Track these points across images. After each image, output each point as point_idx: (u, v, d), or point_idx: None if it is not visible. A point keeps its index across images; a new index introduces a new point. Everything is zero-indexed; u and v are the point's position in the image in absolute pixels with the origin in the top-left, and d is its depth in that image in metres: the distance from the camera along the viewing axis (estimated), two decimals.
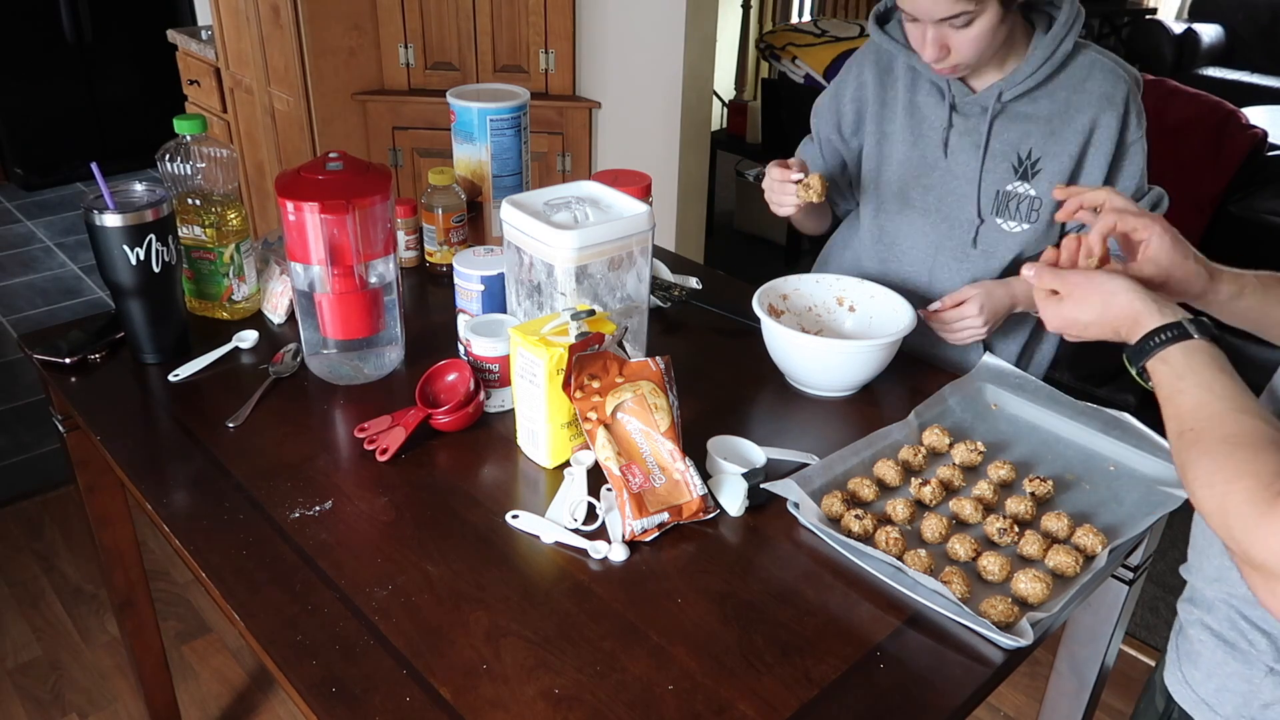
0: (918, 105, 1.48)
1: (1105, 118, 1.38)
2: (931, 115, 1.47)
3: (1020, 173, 1.43)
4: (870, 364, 1.33)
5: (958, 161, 1.46)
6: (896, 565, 1.02)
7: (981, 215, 1.46)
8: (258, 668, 2.12)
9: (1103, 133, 1.39)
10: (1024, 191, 1.44)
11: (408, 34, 2.99)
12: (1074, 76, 1.40)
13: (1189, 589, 0.97)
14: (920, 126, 1.48)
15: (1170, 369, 0.85)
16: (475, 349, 1.26)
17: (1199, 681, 0.93)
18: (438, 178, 1.64)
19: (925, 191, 1.49)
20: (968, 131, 1.44)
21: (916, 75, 1.47)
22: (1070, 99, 1.40)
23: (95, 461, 1.52)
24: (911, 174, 1.49)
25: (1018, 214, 1.45)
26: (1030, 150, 1.42)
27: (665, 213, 3.03)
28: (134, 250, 1.29)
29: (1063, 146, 1.40)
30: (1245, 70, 5.94)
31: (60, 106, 4.64)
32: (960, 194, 1.47)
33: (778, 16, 5.38)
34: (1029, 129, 1.42)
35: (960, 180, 1.46)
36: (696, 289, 1.64)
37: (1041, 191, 1.43)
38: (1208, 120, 2.82)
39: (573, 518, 1.10)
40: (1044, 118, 1.41)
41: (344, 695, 0.88)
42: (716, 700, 0.88)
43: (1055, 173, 1.42)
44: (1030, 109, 1.41)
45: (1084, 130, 1.39)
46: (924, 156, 1.48)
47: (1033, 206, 1.44)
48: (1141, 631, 2.25)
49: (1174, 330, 0.86)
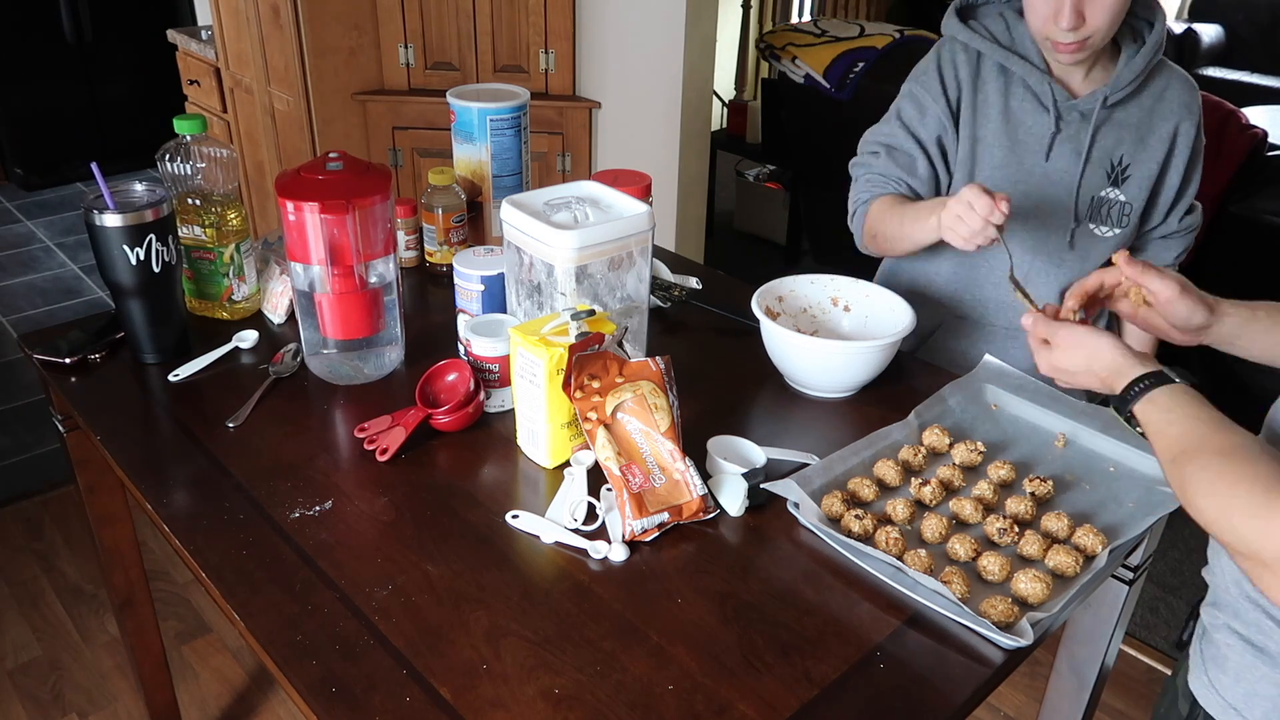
0: (1013, 110, 1.45)
1: (1185, 125, 1.45)
2: (1030, 120, 1.44)
3: (1112, 179, 1.46)
4: (869, 365, 1.33)
5: (1056, 167, 1.45)
6: (896, 565, 1.02)
7: (1079, 219, 1.47)
8: (258, 668, 2.12)
9: (1182, 140, 1.45)
10: (1115, 197, 1.46)
11: (408, 34, 2.99)
12: (1156, 86, 1.44)
13: (1211, 592, 0.97)
14: (1017, 132, 1.45)
15: (1157, 408, 0.92)
16: (475, 349, 1.26)
17: (1227, 687, 0.92)
18: (438, 178, 1.64)
19: (1023, 198, 1.46)
20: (1069, 138, 1.44)
21: (1009, 77, 1.44)
22: (1155, 107, 1.44)
23: (95, 461, 1.53)
24: (1009, 180, 1.46)
25: (1109, 219, 1.47)
26: (1122, 156, 1.45)
27: (665, 213, 3.03)
28: (134, 250, 1.29)
29: (1150, 153, 1.45)
30: (1245, 70, 5.94)
31: (60, 106, 4.64)
32: (1057, 200, 1.46)
33: (778, 16, 5.39)
34: (1122, 136, 1.44)
35: (1058, 186, 1.45)
36: (696, 289, 1.63)
37: (1131, 196, 1.46)
38: (1207, 120, 2.81)
39: (573, 518, 1.10)
40: (1134, 125, 1.44)
41: (344, 695, 0.88)
42: (716, 700, 0.88)
43: (1142, 178, 1.46)
44: (1122, 115, 1.44)
45: (1168, 138, 1.45)
46: (1021, 162, 1.45)
47: (1123, 212, 1.47)
48: (1141, 631, 2.25)
49: (1156, 377, 0.94)
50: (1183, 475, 0.85)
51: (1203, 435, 0.86)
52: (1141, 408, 0.93)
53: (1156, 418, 0.91)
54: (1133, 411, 0.94)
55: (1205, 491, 0.81)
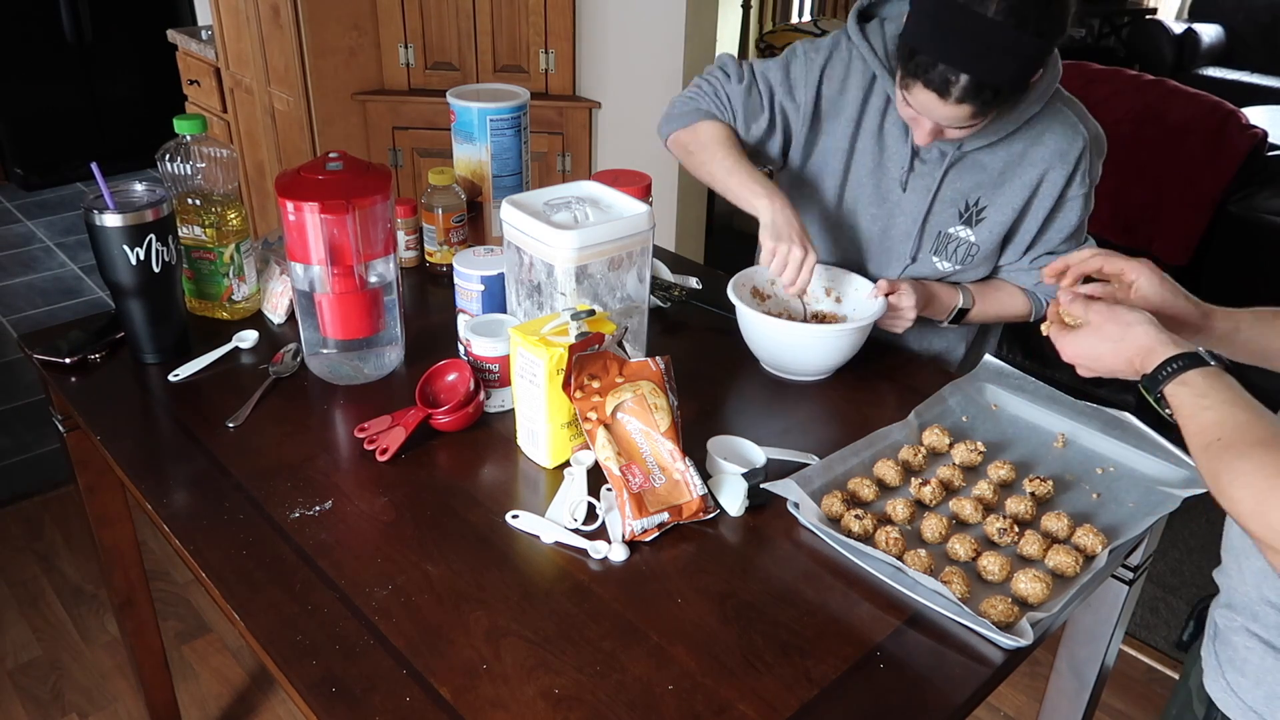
0: (885, 137, 1.45)
1: (1054, 173, 1.39)
2: (895, 148, 1.45)
3: (965, 218, 1.45)
4: (839, 349, 1.36)
5: (909, 200, 1.46)
6: (896, 565, 1.02)
7: (916, 257, 1.48)
8: (258, 668, 2.12)
9: (1048, 187, 1.40)
10: (964, 236, 1.45)
11: (408, 34, 2.99)
12: (1033, 130, 1.39)
13: (1226, 594, 0.96)
14: (883, 156, 1.46)
15: (1190, 390, 0.88)
16: (475, 349, 1.26)
17: (1246, 689, 0.91)
18: (438, 178, 1.64)
19: (872, 221, 1.50)
20: (924, 174, 1.44)
21: (889, 104, 1.44)
22: (1026, 151, 1.40)
23: (95, 461, 1.52)
24: (865, 200, 1.49)
25: (953, 256, 1.47)
26: (979, 199, 1.43)
27: (665, 213, 3.03)
28: (134, 250, 1.29)
29: (1008, 199, 1.42)
30: (1245, 70, 5.94)
31: (60, 106, 4.64)
32: (903, 230, 1.48)
33: (778, 16, 5.38)
34: (981, 179, 1.42)
35: (907, 218, 1.47)
36: (696, 289, 1.64)
37: (980, 239, 1.45)
38: (1208, 120, 2.82)
39: (573, 518, 1.10)
40: (998, 169, 1.41)
41: (344, 695, 0.88)
42: (716, 700, 0.88)
43: (997, 222, 1.43)
44: (987, 159, 1.41)
45: (1031, 184, 1.40)
46: (879, 185, 1.48)
47: (969, 251, 1.46)
48: (1141, 631, 2.25)
49: (1190, 358, 0.89)
50: (1217, 464, 0.81)
51: (1240, 423, 0.82)
52: (1173, 389, 0.89)
53: (1190, 401, 0.87)
54: (1163, 392, 0.90)
55: (1243, 483, 0.78)
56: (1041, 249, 1.48)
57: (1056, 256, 1.44)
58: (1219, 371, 0.88)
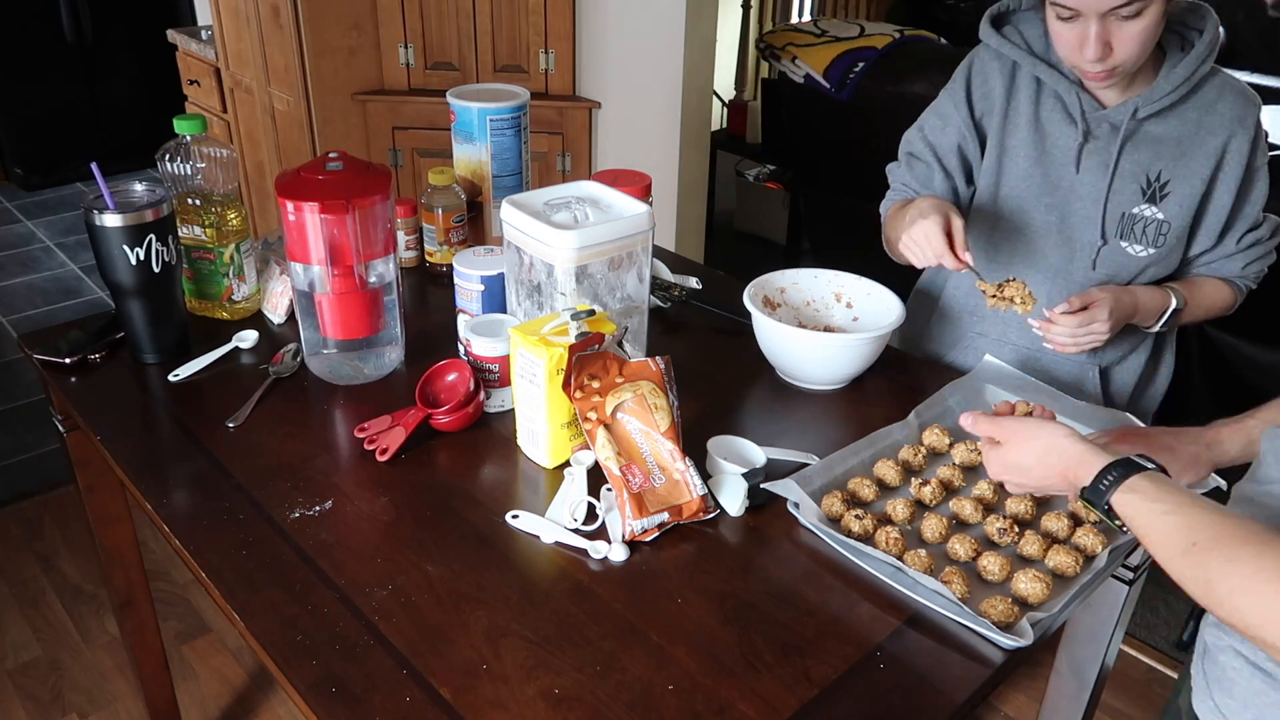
0: (1042, 121, 1.40)
1: (1237, 141, 1.35)
2: (1058, 131, 1.39)
3: (1148, 195, 1.37)
4: (856, 359, 1.34)
5: (1084, 181, 1.39)
6: (896, 565, 1.02)
7: (1105, 237, 1.40)
8: (258, 668, 2.12)
9: (1234, 156, 1.36)
10: (1151, 215, 1.38)
11: (408, 34, 2.99)
12: (1205, 98, 1.35)
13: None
14: (1045, 143, 1.40)
15: (1141, 496, 0.83)
16: (475, 349, 1.26)
17: (1234, 710, 0.89)
18: (438, 178, 1.64)
19: (1048, 211, 1.42)
20: (1098, 150, 1.38)
21: (1041, 87, 1.40)
22: (1202, 120, 1.35)
23: (95, 461, 1.52)
24: (1033, 192, 1.42)
25: (1144, 238, 1.39)
26: (1160, 172, 1.37)
27: (665, 213, 3.03)
28: (134, 250, 1.29)
29: (1193, 169, 1.36)
30: (1245, 70, 5.93)
31: (60, 106, 4.64)
32: (1084, 215, 1.40)
33: (778, 16, 5.38)
34: (1159, 150, 1.36)
35: (1085, 201, 1.40)
36: (696, 289, 1.64)
37: (1170, 215, 1.38)
38: None
39: (573, 518, 1.10)
40: (1174, 139, 1.36)
41: (344, 695, 0.88)
42: (716, 700, 0.88)
43: (1185, 195, 1.37)
44: (1161, 129, 1.36)
45: (1215, 153, 1.35)
46: (1047, 174, 1.41)
47: (1160, 230, 1.38)
48: (1141, 631, 2.25)
49: (1126, 464, 0.85)
50: (1207, 572, 0.75)
51: (1210, 522, 0.77)
52: (1121, 497, 0.84)
53: (1144, 508, 0.82)
54: (1110, 504, 0.85)
55: (1243, 589, 0.72)
56: (1243, 227, 1.41)
57: (1261, 236, 1.42)
58: (1161, 475, 0.84)
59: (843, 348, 1.33)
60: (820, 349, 1.33)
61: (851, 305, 1.47)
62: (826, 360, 1.34)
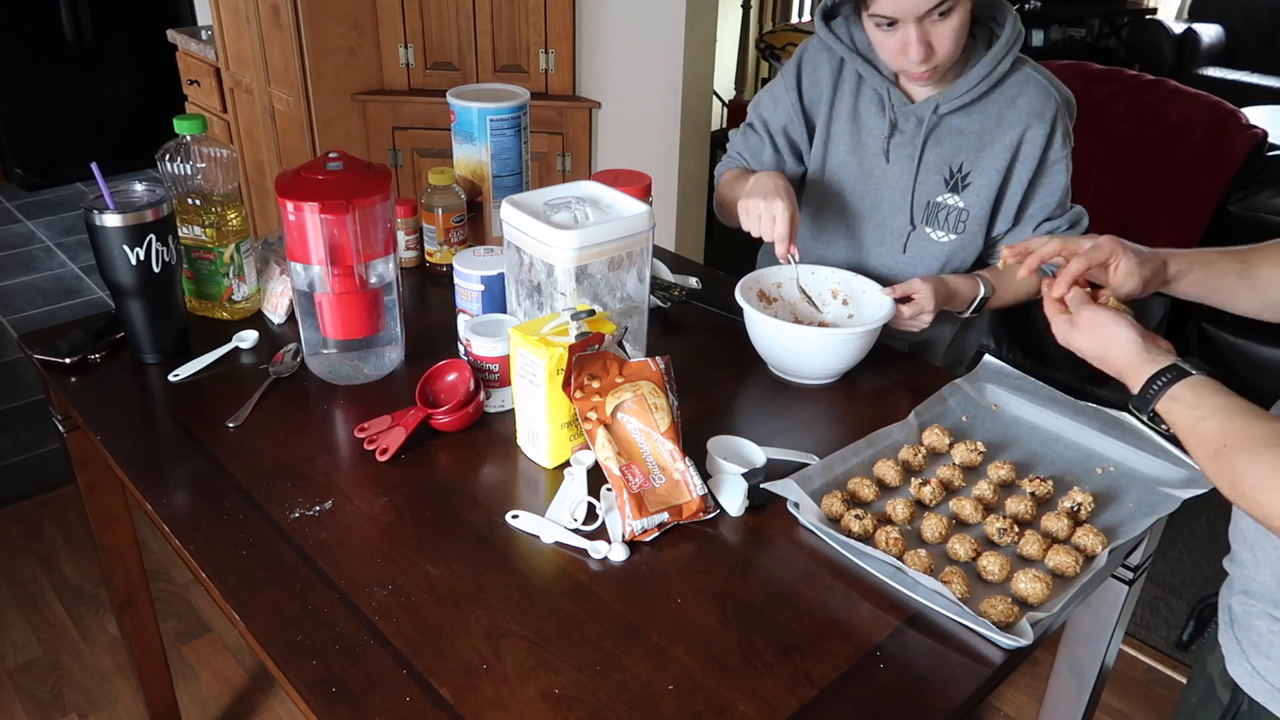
0: (860, 113, 1.50)
1: (1032, 133, 1.43)
2: (872, 123, 1.49)
3: (951, 185, 1.47)
4: (845, 353, 1.35)
5: (893, 171, 1.49)
6: (896, 565, 1.02)
7: (914, 223, 1.50)
8: (258, 668, 2.12)
9: (1028, 148, 1.44)
10: (953, 203, 1.48)
11: (408, 34, 2.99)
12: (1007, 93, 1.43)
13: (1241, 581, 0.97)
14: (860, 134, 1.50)
15: (1182, 404, 0.90)
16: (475, 349, 1.26)
17: (1273, 672, 0.93)
18: (438, 178, 1.64)
19: (861, 198, 1.53)
20: (905, 143, 1.47)
21: (862, 83, 1.49)
22: (1001, 114, 1.44)
23: (95, 461, 1.52)
24: (851, 180, 1.53)
25: (945, 224, 1.49)
26: (961, 164, 1.46)
27: (665, 213, 3.03)
28: (134, 250, 1.29)
29: (991, 161, 1.45)
30: (1245, 70, 5.94)
31: (60, 106, 4.64)
32: (894, 203, 1.51)
33: (778, 16, 5.39)
34: (961, 143, 1.46)
35: (895, 190, 1.50)
36: (696, 289, 1.64)
37: (969, 204, 1.47)
38: (1208, 120, 2.82)
39: (573, 518, 1.10)
40: (975, 132, 1.45)
41: (344, 695, 0.88)
42: (716, 700, 0.88)
43: (984, 186, 1.46)
44: (964, 123, 1.45)
45: (1011, 145, 1.44)
46: (862, 163, 1.51)
47: (960, 218, 1.49)
48: (1141, 631, 2.25)
49: (1172, 372, 0.91)
50: (1233, 470, 0.82)
51: (1240, 426, 0.83)
52: (1165, 405, 0.91)
53: (1184, 414, 0.89)
54: (1156, 410, 0.92)
55: (1264, 485, 0.80)
56: (1038, 215, 1.49)
57: (1058, 227, 1.50)
58: (1204, 380, 0.90)
59: (831, 341, 1.34)
60: (809, 342, 1.34)
61: (848, 303, 1.48)
62: (816, 354, 1.35)
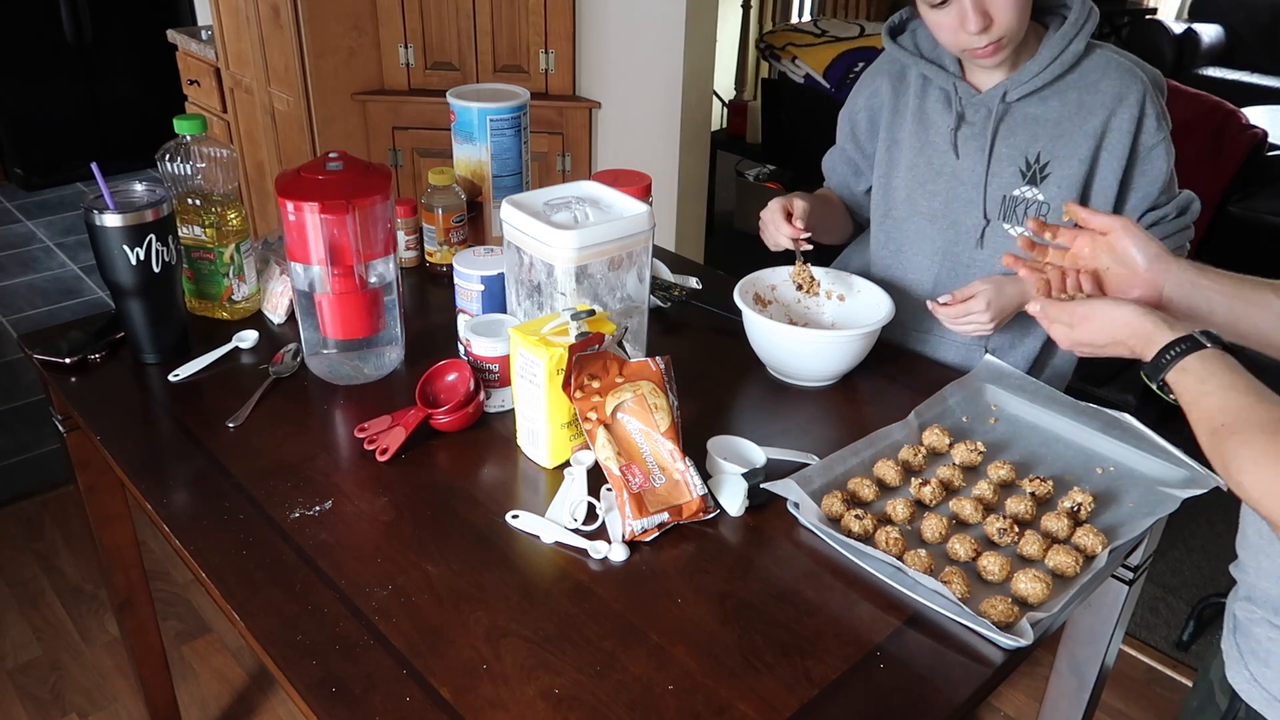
0: (926, 111, 1.46)
1: (1118, 119, 1.34)
2: (939, 120, 1.45)
3: (1029, 177, 1.39)
4: (843, 355, 1.35)
5: (964, 166, 1.43)
6: (896, 565, 1.02)
7: (987, 217, 1.43)
8: (258, 668, 2.12)
9: (1115, 135, 1.35)
10: (1032, 197, 1.40)
11: (408, 34, 2.99)
12: (1087, 77, 1.35)
13: (1245, 588, 0.97)
14: (928, 133, 1.46)
15: (1191, 376, 0.87)
16: (475, 349, 1.26)
17: (1271, 680, 0.93)
18: (438, 178, 1.64)
19: (932, 197, 1.48)
20: (973, 135, 1.41)
21: (927, 83, 1.46)
22: (1082, 100, 1.35)
23: (95, 461, 1.52)
24: (918, 180, 1.48)
25: (1025, 219, 1.40)
26: (1039, 154, 1.38)
27: (665, 213, 3.03)
28: (134, 250, 1.29)
29: (1073, 150, 1.36)
30: (1245, 70, 5.94)
31: (60, 106, 4.64)
32: (966, 199, 1.45)
33: (778, 16, 5.38)
34: (1037, 131, 1.38)
35: (966, 185, 1.44)
36: (696, 289, 1.64)
37: (1050, 197, 1.39)
38: (1208, 120, 2.82)
39: (573, 518, 1.10)
40: (1053, 120, 1.37)
41: (344, 695, 0.88)
42: (716, 700, 0.88)
43: (1065, 177, 1.37)
44: (1039, 111, 1.37)
45: (1096, 133, 1.35)
46: (930, 162, 1.47)
47: (1040, 212, 1.40)
48: (1141, 631, 2.25)
49: (1187, 342, 0.89)
50: (1225, 450, 0.81)
51: (1243, 407, 0.82)
52: (1175, 376, 0.89)
53: (1192, 387, 0.87)
54: (1165, 380, 0.90)
55: (1251, 468, 0.79)
56: (1141, 205, 1.41)
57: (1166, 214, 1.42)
58: (1218, 354, 0.88)
59: (830, 343, 1.34)
60: (808, 345, 1.34)
61: (844, 299, 1.48)
62: (814, 356, 1.35)
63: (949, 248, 1.49)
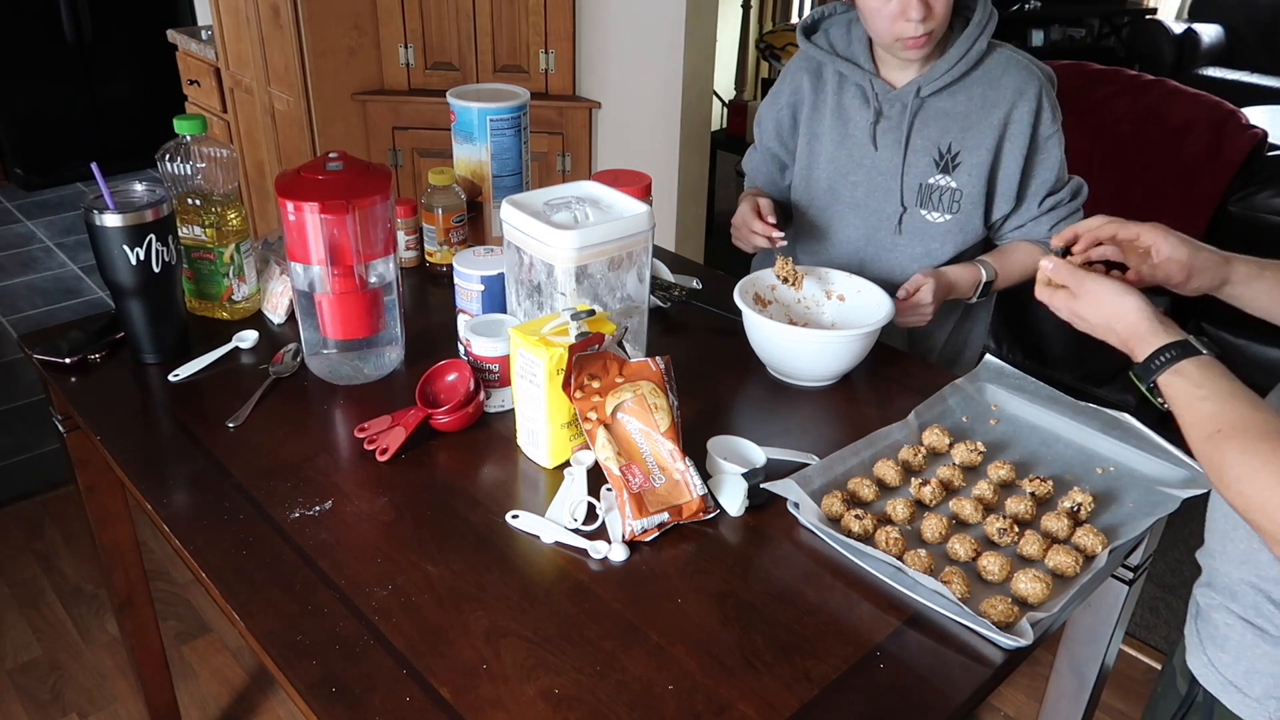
0: (844, 107, 1.56)
1: (1019, 112, 1.47)
2: (857, 114, 1.54)
3: (941, 166, 1.51)
4: (843, 355, 1.35)
5: (882, 157, 1.53)
6: (896, 565, 1.02)
7: (904, 204, 1.54)
8: (258, 668, 2.12)
9: (1016, 126, 1.48)
10: (945, 184, 1.52)
11: (408, 34, 2.99)
12: (989, 74, 1.48)
13: (1207, 573, 0.98)
14: (847, 127, 1.56)
15: (1186, 380, 0.87)
16: (475, 349, 1.26)
17: (1227, 665, 0.94)
18: (438, 178, 1.64)
19: (854, 187, 1.57)
20: (891, 129, 1.51)
21: (843, 80, 1.55)
22: (986, 94, 1.48)
23: (95, 461, 1.52)
24: (840, 171, 1.58)
25: (940, 205, 1.53)
26: (950, 144, 1.50)
27: (665, 213, 3.03)
28: (134, 250, 1.29)
29: (980, 140, 1.48)
30: (1245, 70, 5.94)
31: (60, 106, 4.64)
32: (885, 187, 1.54)
33: (778, 16, 5.38)
34: (948, 124, 1.50)
35: (885, 175, 1.54)
36: (696, 289, 1.64)
37: (962, 184, 1.51)
38: (1208, 120, 2.82)
39: (573, 518, 1.10)
40: (961, 113, 1.49)
41: (344, 695, 0.88)
42: (716, 700, 0.88)
43: (974, 165, 1.49)
44: (949, 105, 1.49)
45: (999, 124, 1.48)
46: (850, 154, 1.56)
47: (954, 198, 1.52)
48: (1141, 631, 2.25)
49: (1181, 347, 0.89)
50: (1222, 457, 0.81)
51: (1240, 414, 0.82)
52: (1167, 379, 0.89)
53: (1185, 391, 0.87)
54: (1156, 382, 0.90)
55: (1249, 478, 0.79)
56: (1040, 192, 1.53)
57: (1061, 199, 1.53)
58: (1212, 361, 0.88)
59: (830, 343, 1.34)
60: (808, 345, 1.34)
61: (844, 299, 1.48)
62: (814, 356, 1.35)
63: (871, 234, 1.59)
